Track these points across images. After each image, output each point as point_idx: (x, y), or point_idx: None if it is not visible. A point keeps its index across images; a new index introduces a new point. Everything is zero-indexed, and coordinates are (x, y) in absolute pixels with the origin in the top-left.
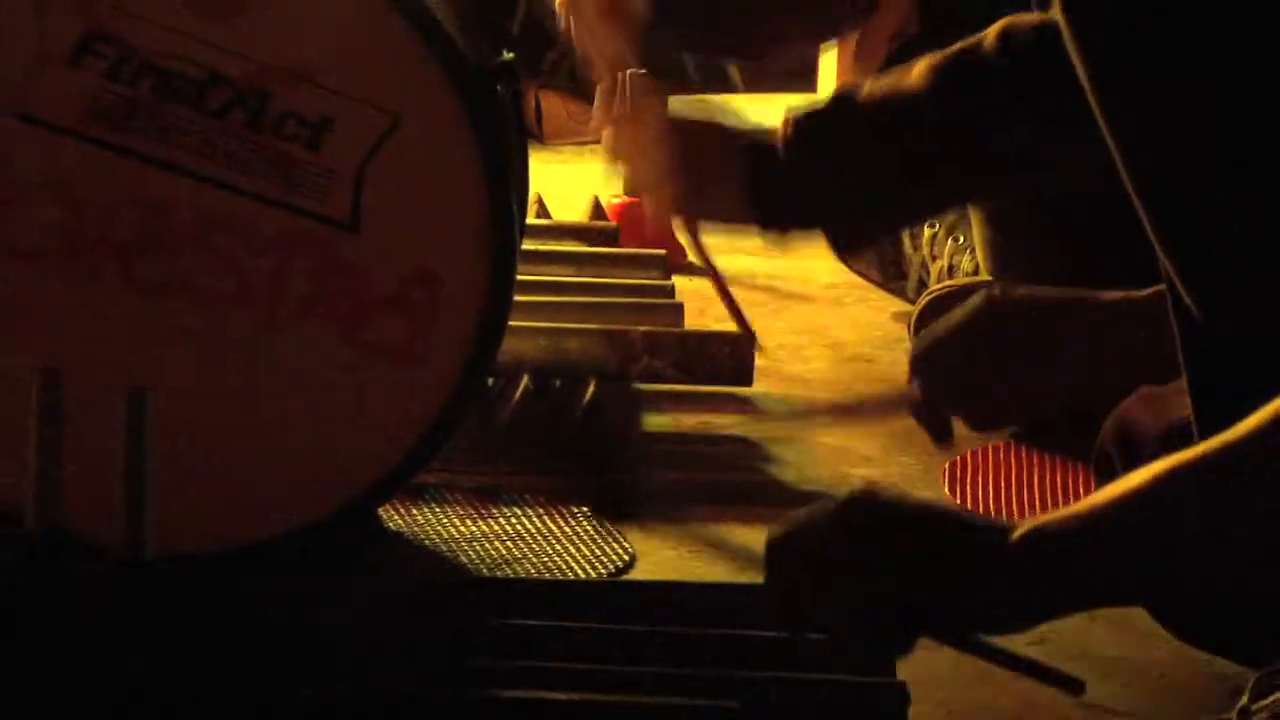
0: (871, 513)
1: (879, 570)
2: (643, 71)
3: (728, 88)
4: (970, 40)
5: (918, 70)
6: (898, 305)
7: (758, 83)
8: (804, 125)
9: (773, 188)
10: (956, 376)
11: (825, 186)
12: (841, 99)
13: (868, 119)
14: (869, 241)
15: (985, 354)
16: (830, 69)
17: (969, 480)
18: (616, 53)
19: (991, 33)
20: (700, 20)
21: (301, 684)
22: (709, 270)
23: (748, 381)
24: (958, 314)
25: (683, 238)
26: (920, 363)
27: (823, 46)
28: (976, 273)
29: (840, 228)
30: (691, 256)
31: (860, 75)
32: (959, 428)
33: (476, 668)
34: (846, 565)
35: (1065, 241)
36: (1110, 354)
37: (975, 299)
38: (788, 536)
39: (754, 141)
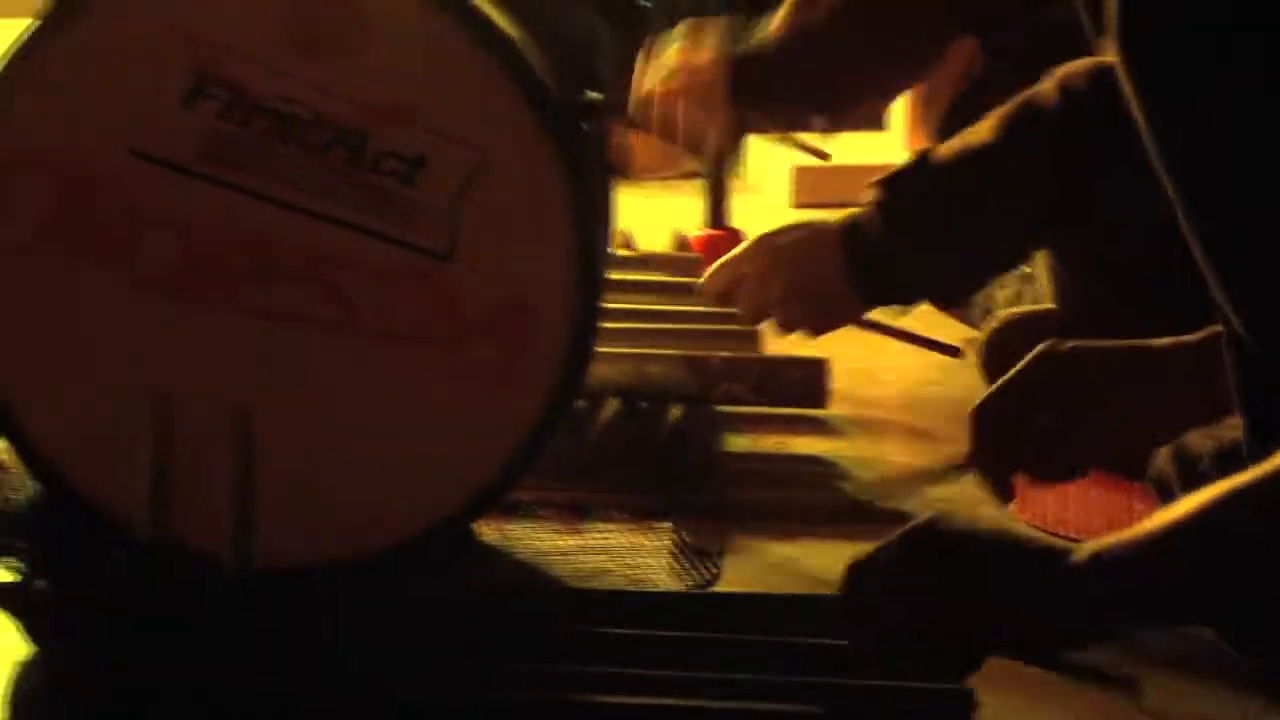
0: (944, 537)
1: (951, 591)
2: None
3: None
4: (1031, 91)
5: (986, 126)
6: (965, 332)
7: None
8: (890, 201)
9: (875, 273)
10: (1015, 434)
11: (921, 261)
12: (921, 166)
13: (948, 184)
14: (968, 297)
15: (1042, 411)
16: (901, 109)
17: (1036, 502)
18: (703, 135)
19: (1050, 82)
20: (788, 89)
21: (400, 689)
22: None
23: (822, 404)
24: (1015, 371)
25: None
26: (980, 421)
27: None
28: (1040, 301)
29: (940, 293)
30: None
31: (929, 117)
32: None
33: (568, 674)
34: (922, 586)
35: (1126, 274)
36: (1165, 403)
37: (1031, 356)
38: (865, 563)
39: (849, 231)
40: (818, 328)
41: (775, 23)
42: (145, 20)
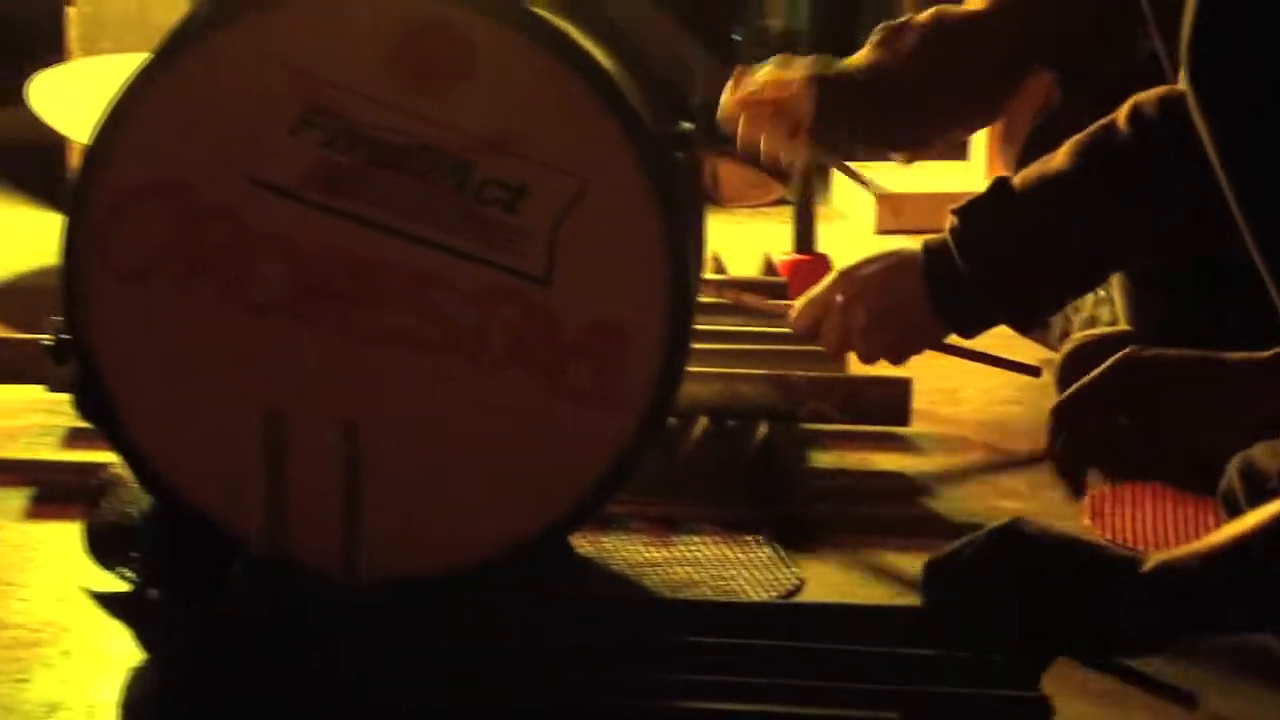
0: (1017, 543)
1: (1022, 595)
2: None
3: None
4: (1104, 120)
5: (1060, 155)
6: (1042, 353)
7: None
8: (967, 229)
9: (954, 300)
10: (1092, 433)
11: (998, 287)
12: (997, 194)
13: (1023, 211)
14: (1046, 316)
15: (1120, 412)
16: (982, 139)
17: (1108, 514)
18: (784, 153)
19: (1123, 112)
20: (871, 114)
21: (501, 696)
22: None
23: (905, 422)
24: (1095, 373)
25: None
26: (1059, 419)
27: None
28: (1115, 323)
29: (1017, 317)
30: None
31: (1009, 148)
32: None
33: (660, 681)
34: (994, 590)
35: (1200, 299)
36: (1235, 414)
37: (1113, 360)
38: (943, 562)
39: (927, 259)
40: (900, 355)
41: (858, 56)
42: (254, 53)
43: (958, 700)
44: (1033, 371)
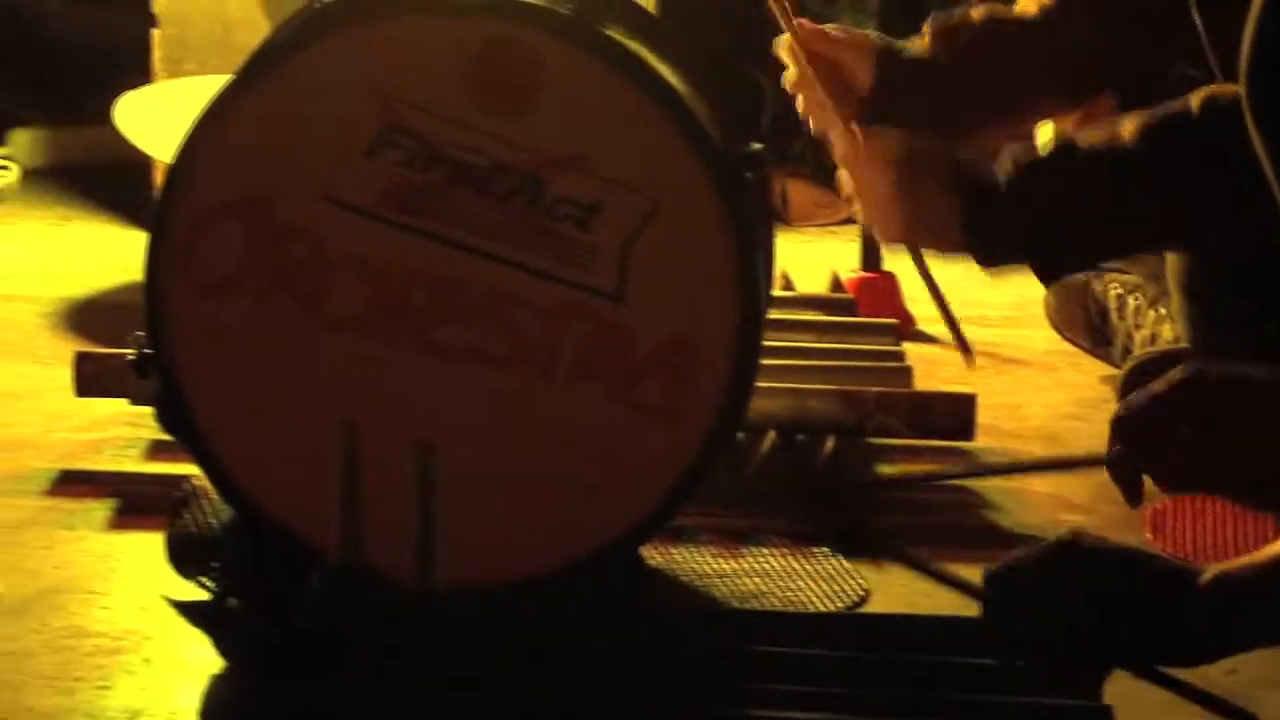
0: (1076, 554)
1: (1082, 606)
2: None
3: None
4: (1176, 103)
5: (1129, 126)
6: (1104, 370)
7: None
8: (1024, 165)
9: (988, 221)
10: (1152, 442)
11: (1037, 223)
12: (1063, 146)
13: (1085, 167)
14: (1069, 272)
15: (1180, 423)
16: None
17: (1168, 527)
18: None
19: (1196, 98)
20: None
21: (574, 704)
22: (930, 287)
23: (970, 436)
24: (1158, 384)
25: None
26: (1120, 427)
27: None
28: (1177, 341)
29: (1047, 259)
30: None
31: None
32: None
33: (727, 690)
34: (1053, 601)
35: (1260, 317)
36: None
37: (1175, 371)
38: (1003, 573)
39: (975, 176)
40: (902, 231)
41: (913, 45)
42: (334, 74)
43: (1020, 710)
44: (967, 355)
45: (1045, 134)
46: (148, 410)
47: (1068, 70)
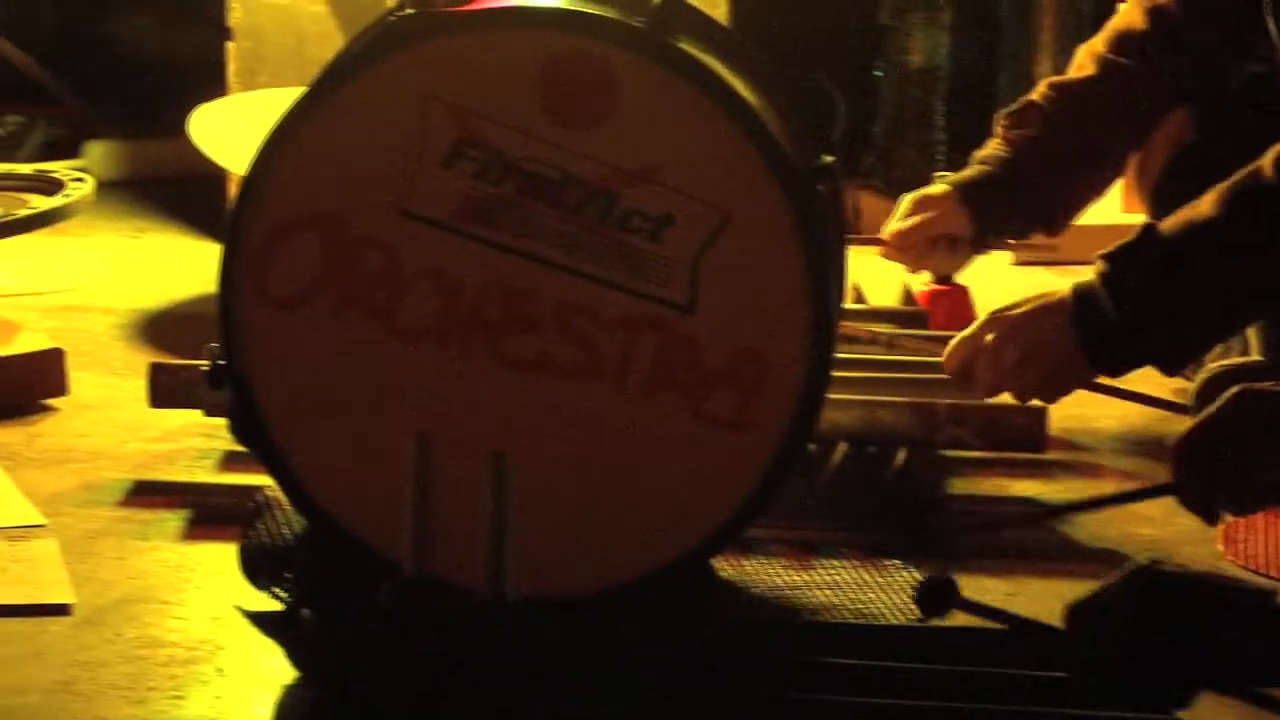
0: (1162, 578)
1: (1164, 631)
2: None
3: None
4: (1250, 167)
5: (1208, 200)
6: (1176, 383)
7: None
8: (1117, 274)
9: (1104, 343)
10: (1211, 468)
11: (1148, 331)
12: (1145, 239)
13: (1172, 256)
14: (1193, 362)
15: (1238, 445)
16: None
17: (1241, 541)
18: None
19: (1269, 159)
20: (1017, 203)
21: (644, 715)
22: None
23: (1041, 448)
24: (1214, 408)
25: None
26: (1181, 455)
27: None
28: (1247, 354)
29: (1166, 361)
30: None
31: (1145, 182)
32: None
33: (799, 702)
34: (1136, 626)
35: None
36: None
37: (1228, 395)
38: (1084, 606)
39: (1077, 302)
40: (1051, 394)
41: (987, 148)
42: (407, 87)
43: None
44: (1182, 410)
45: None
46: (221, 421)
47: (1141, 110)
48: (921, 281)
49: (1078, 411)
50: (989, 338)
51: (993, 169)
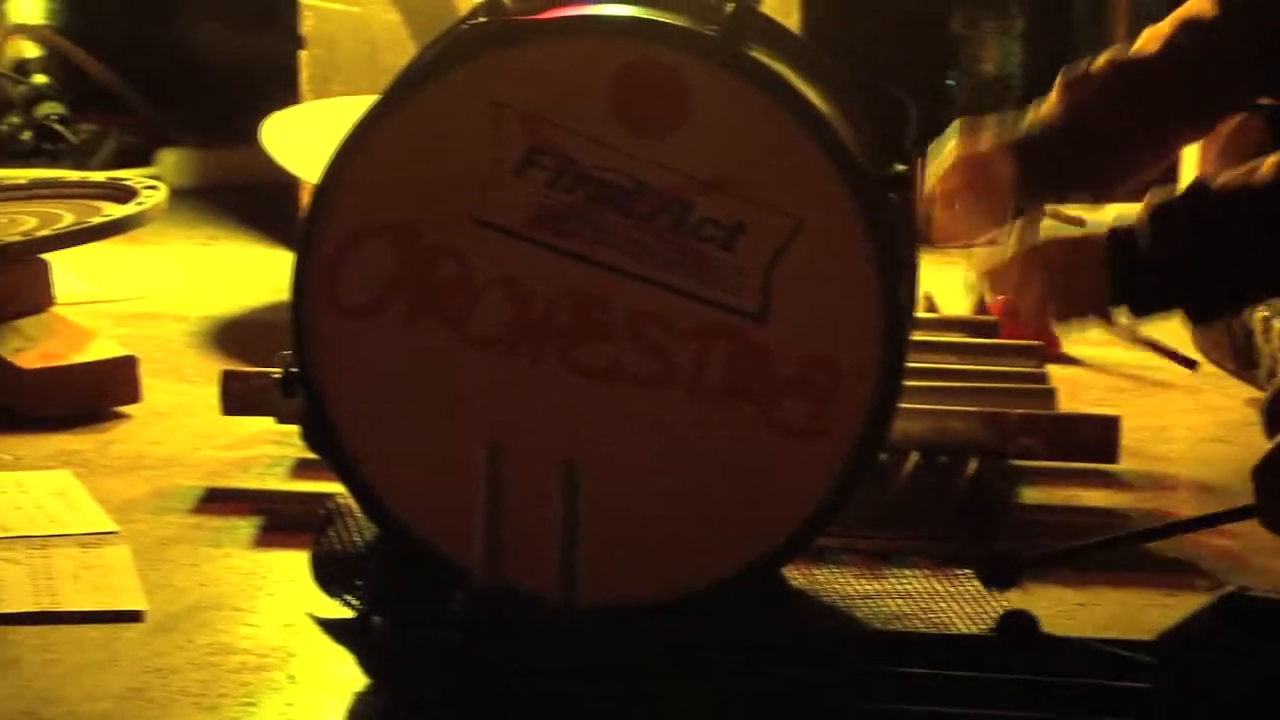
0: (1249, 604)
1: (1254, 656)
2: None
3: None
4: None
5: (1266, 168)
6: (1250, 392)
7: None
8: (1163, 217)
9: (1136, 275)
10: None
11: (1184, 271)
12: (1197, 189)
13: (1222, 209)
14: (1221, 316)
15: None
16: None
17: None
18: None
19: None
20: (1066, 172)
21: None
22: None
23: (1113, 459)
24: None
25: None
26: (1259, 478)
27: None
28: None
29: (1194, 308)
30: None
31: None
32: None
33: (871, 711)
34: (1227, 652)
35: None
36: None
37: None
38: (1172, 638)
39: (1116, 236)
40: (1069, 321)
41: (1047, 105)
42: (480, 95)
43: None
44: (1189, 364)
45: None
46: (293, 429)
47: (1200, 98)
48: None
49: (1151, 422)
50: (1022, 259)
51: (1044, 131)
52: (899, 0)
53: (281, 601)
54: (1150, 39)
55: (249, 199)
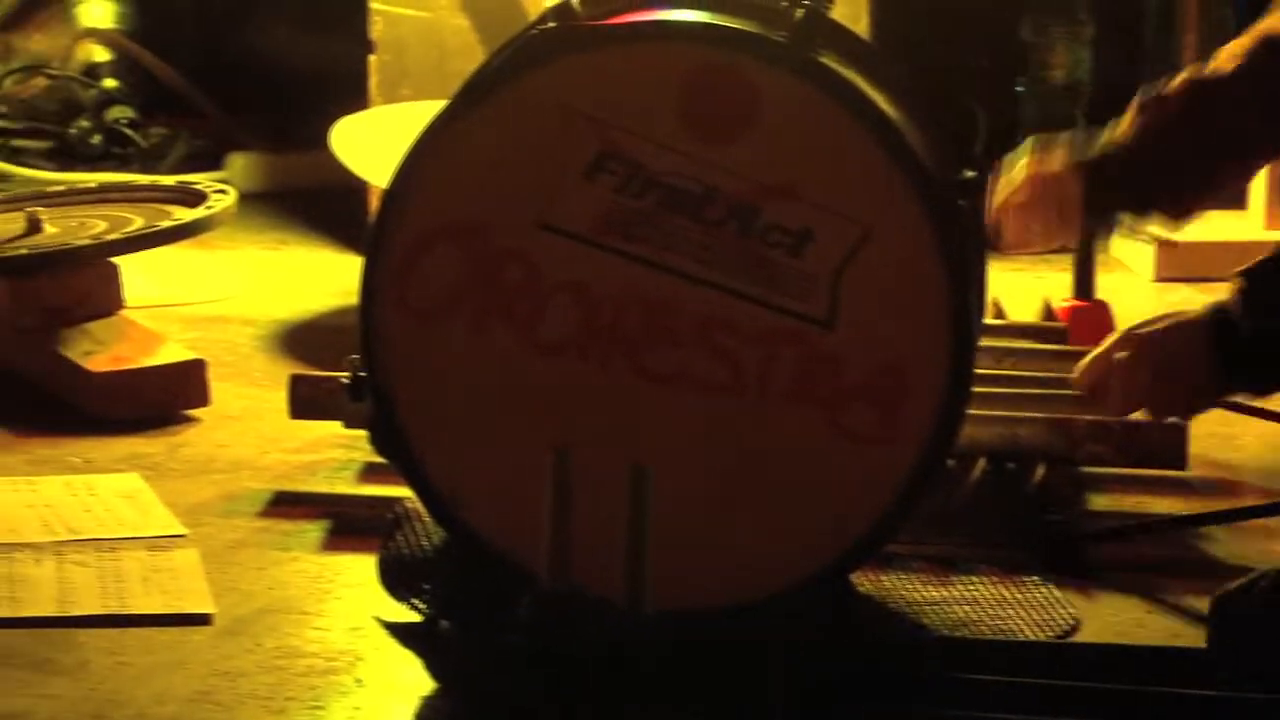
0: None
1: None
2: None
3: None
4: None
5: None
6: None
7: None
8: (1254, 291)
9: (1241, 362)
10: None
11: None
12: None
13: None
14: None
15: None
16: (1260, 189)
17: None
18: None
19: None
20: (1142, 193)
21: None
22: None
23: (1182, 466)
24: None
25: None
26: None
27: None
28: None
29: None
30: None
31: None
32: None
33: (938, 717)
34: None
35: None
36: None
37: None
38: (1232, 598)
39: (1213, 320)
40: (1185, 413)
41: (1123, 126)
42: (549, 100)
43: None
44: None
45: None
46: (361, 433)
47: (1261, 123)
48: (1062, 297)
49: (1220, 429)
50: (1122, 355)
51: (1120, 152)
52: (968, 6)
53: (349, 605)
54: (1227, 57)
55: (318, 203)
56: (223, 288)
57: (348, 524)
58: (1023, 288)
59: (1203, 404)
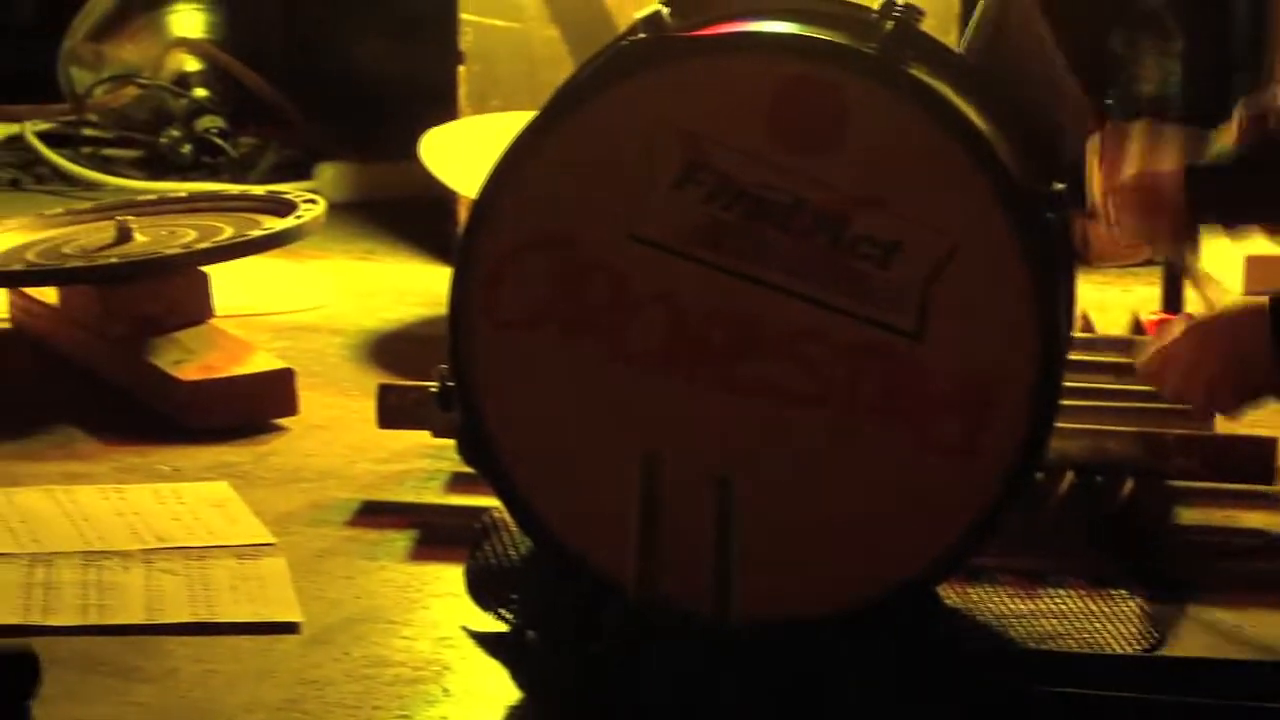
0: None
1: None
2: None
3: None
4: None
5: None
6: None
7: None
8: (1251, 133)
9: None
10: None
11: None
12: None
13: None
14: None
15: None
16: None
17: None
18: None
19: None
20: (1245, 205)
21: None
22: None
23: (1271, 480)
24: None
25: None
26: None
27: None
28: None
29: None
30: None
31: None
32: None
33: None
34: None
35: None
36: None
37: None
38: None
39: (1276, 309)
40: (1249, 404)
41: (1230, 134)
42: (638, 112)
43: None
44: None
45: None
46: (449, 443)
47: None
48: (1150, 311)
49: None
50: (1185, 345)
51: (1225, 161)
52: (1057, 19)
53: (436, 615)
54: None
55: (407, 213)
56: (312, 297)
57: (435, 534)
58: (1111, 301)
59: (1263, 397)
